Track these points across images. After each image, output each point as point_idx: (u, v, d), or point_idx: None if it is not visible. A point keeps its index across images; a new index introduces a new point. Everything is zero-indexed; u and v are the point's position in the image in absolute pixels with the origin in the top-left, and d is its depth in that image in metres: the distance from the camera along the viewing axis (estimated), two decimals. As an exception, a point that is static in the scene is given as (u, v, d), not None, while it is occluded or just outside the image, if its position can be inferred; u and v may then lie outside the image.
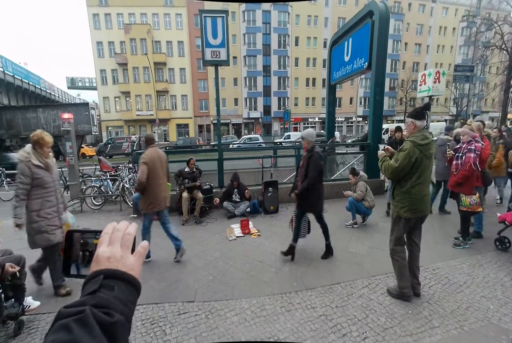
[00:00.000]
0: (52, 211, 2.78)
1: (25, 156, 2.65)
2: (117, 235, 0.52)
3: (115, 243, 0.50)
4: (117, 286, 0.44)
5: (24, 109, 18.01)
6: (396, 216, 2.68)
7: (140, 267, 0.51)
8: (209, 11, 5.80)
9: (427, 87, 9.03)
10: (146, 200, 3.49)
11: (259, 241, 4.22)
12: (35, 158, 2.68)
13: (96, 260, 0.48)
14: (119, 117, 32.05)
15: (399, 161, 2.52)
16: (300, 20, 34.21)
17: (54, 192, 2.82)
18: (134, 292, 0.47)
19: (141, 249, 0.53)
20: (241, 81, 33.84)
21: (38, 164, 2.68)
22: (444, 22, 37.98)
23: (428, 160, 2.56)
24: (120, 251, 0.49)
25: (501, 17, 18.00)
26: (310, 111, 36.09)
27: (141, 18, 31.52)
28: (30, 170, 2.63)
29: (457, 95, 31.17)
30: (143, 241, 0.54)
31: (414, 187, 2.56)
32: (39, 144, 2.69)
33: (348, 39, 7.31)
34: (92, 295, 0.42)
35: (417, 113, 2.61)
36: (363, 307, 2.59)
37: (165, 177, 3.67)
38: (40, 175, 2.68)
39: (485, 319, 2.39)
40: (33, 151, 2.70)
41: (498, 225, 3.72)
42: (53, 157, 2.87)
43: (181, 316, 2.56)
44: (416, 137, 2.54)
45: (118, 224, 0.54)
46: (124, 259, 0.49)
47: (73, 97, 45.89)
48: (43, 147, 2.71)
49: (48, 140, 2.72)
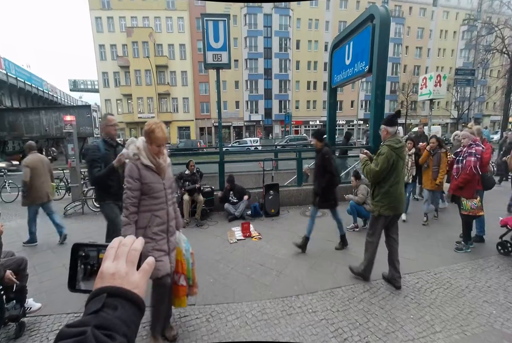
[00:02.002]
0: (160, 231, 2.08)
1: (135, 152, 2.02)
2: (123, 250, 0.50)
3: (120, 258, 0.49)
4: (120, 306, 0.43)
5: (26, 111, 18.12)
6: (377, 215, 2.93)
7: (145, 285, 0.49)
8: (211, 15, 5.85)
9: (428, 91, 9.05)
10: (30, 195, 4.23)
11: (260, 244, 4.21)
12: (145, 156, 2.02)
13: (100, 276, 0.47)
14: (121, 120, 32.13)
15: (380, 164, 2.77)
16: (301, 24, 34.42)
17: (164, 204, 2.11)
18: (138, 313, 0.45)
19: (146, 266, 0.51)
20: (242, 84, 33.99)
21: (148, 165, 2.03)
22: (445, 26, 38.14)
23: (402, 161, 2.85)
24: (126, 267, 0.48)
25: (502, 21, 18.08)
26: (311, 114, 36.17)
27: (143, 21, 31.79)
28: (139, 171, 2.00)
29: (458, 98, 31.22)
30: (149, 258, 0.53)
31: (392, 187, 2.83)
32: (148, 138, 2.02)
33: (349, 43, 7.35)
34: (94, 314, 0.41)
35: (389, 120, 2.91)
36: (364, 311, 2.58)
37: (49, 177, 4.47)
38: (149, 180, 2.03)
39: (488, 324, 2.37)
40: (145, 147, 2.03)
41: (500, 229, 3.71)
42: (168, 156, 2.21)
43: (182, 319, 2.55)
44: (391, 141, 2.81)
45: (124, 238, 0.53)
46: (129, 276, 0.47)
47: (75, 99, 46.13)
48: (152, 144, 2.02)
49: (161, 136, 2.00)
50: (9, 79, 22.06)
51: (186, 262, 2.32)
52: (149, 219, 2.02)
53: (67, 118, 6.60)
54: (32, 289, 2.73)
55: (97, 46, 31.57)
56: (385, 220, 2.91)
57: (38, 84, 28.21)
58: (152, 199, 2.03)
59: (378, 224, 2.95)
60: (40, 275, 3.39)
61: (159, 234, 2.05)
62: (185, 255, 2.32)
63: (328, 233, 4.47)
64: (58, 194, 7.64)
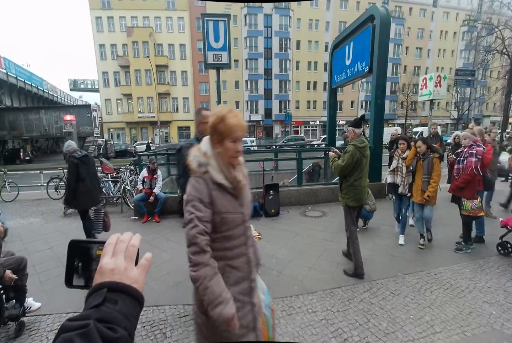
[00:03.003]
0: (240, 293, 1.27)
1: (201, 161, 1.25)
2: (121, 246, 0.50)
3: (119, 254, 0.49)
4: (120, 300, 0.44)
5: (26, 111, 18.13)
6: (344, 206, 3.32)
7: (144, 280, 0.50)
8: (211, 15, 5.87)
9: (428, 91, 9.06)
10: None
11: (260, 244, 4.20)
12: (217, 168, 1.24)
13: (99, 272, 0.47)
14: (121, 119, 32.22)
15: (345, 160, 3.15)
16: (302, 24, 34.46)
17: (244, 247, 1.31)
18: (137, 306, 0.46)
19: (145, 261, 0.52)
20: (242, 84, 34.02)
21: (222, 183, 1.24)
22: (445, 27, 38.20)
23: (365, 159, 3.21)
24: (124, 263, 0.49)
25: (502, 21, 18.07)
26: (311, 114, 36.20)
27: (144, 21, 31.82)
28: (209, 192, 1.22)
29: (458, 99, 31.25)
30: (147, 254, 0.53)
31: (357, 181, 3.21)
32: (217, 132, 1.23)
33: (349, 43, 7.35)
34: (95, 308, 0.42)
35: (356, 123, 3.28)
36: (364, 312, 2.58)
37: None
38: (224, 207, 1.24)
39: (488, 325, 2.37)
40: (216, 153, 1.25)
41: (500, 230, 3.71)
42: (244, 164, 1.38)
43: (182, 319, 2.55)
44: (356, 141, 3.18)
45: (122, 235, 0.53)
46: (128, 272, 0.48)
47: (75, 99, 46.19)
48: (225, 140, 1.23)
49: (236, 123, 1.22)
50: (9, 78, 22.05)
51: (266, 324, 1.44)
52: (222, 271, 1.21)
53: (67, 118, 6.62)
54: (32, 288, 2.73)
55: (97, 46, 31.59)
56: (353, 211, 3.29)
57: (38, 83, 28.22)
58: (226, 240, 1.25)
59: (348, 216, 3.31)
60: (40, 275, 3.39)
61: (240, 299, 1.25)
62: (266, 314, 1.44)
63: (328, 233, 4.47)
64: (58, 193, 7.64)
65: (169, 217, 5.58)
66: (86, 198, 3.78)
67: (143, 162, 6.44)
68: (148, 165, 5.67)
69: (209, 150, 1.26)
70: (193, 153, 1.29)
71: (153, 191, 5.45)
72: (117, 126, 32.92)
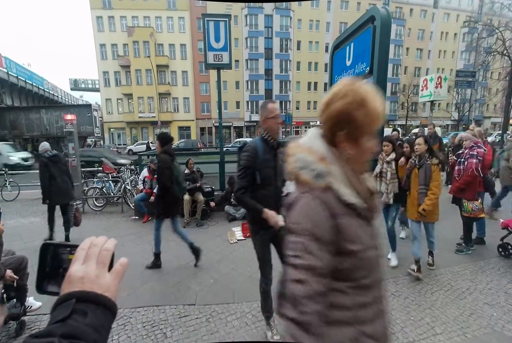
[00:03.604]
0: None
1: (321, 170, 0.78)
2: (93, 251, 0.47)
3: (90, 260, 0.46)
4: (90, 311, 0.40)
5: (27, 110, 18.16)
6: None
7: (117, 287, 0.46)
8: (212, 15, 5.86)
9: (429, 92, 9.06)
10: None
11: (260, 245, 4.21)
12: (346, 182, 0.79)
13: (68, 281, 0.44)
14: (121, 119, 32.22)
15: None
16: (302, 25, 34.48)
17: (380, 300, 0.85)
18: (109, 316, 0.43)
19: (119, 266, 0.48)
20: (243, 84, 34.02)
21: (354, 203, 0.78)
22: (445, 28, 38.23)
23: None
24: (96, 269, 0.45)
25: (502, 23, 18.09)
26: (311, 115, 36.19)
27: (144, 21, 31.83)
28: (334, 221, 0.75)
29: (459, 100, 31.23)
30: (122, 258, 0.49)
31: None
32: (355, 127, 0.79)
33: (349, 44, 7.34)
34: (62, 323, 0.38)
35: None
36: (365, 313, 2.57)
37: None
38: (359, 240, 0.78)
39: (488, 327, 2.37)
40: (339, 156, 0.81)
41: (501, 231, 3.71)
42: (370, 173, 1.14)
43: (182, 319, 2.55)
44: None
45: (96, 238, 0.50)
46: (100, 279, 0.44)
47: (76, 98, 46.19)
48: (361, 138, 0.80)
49: (378, 109, 0.78)
50: (10, 77, 22.07)
51: None
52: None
53: (67, 117, 6.59)
54: (32, 288, 2.73)
55: (98, 46, 31.61)
56: None
57: (39, 83, 28.24)
58: (359, 293, 0.79)
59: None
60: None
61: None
62: None
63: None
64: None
65: (169, 217, 5.58)
66: (59, 195, 4.16)
67: (143, 162, 6.44)
68: (149, 165, 5.67)
69: (328, 152, 0.81)
70: (297, 156, 0.83)
71: (154, 191, 5.45)
72: (118, 126, 32.93)
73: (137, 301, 2.83)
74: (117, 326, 2.45)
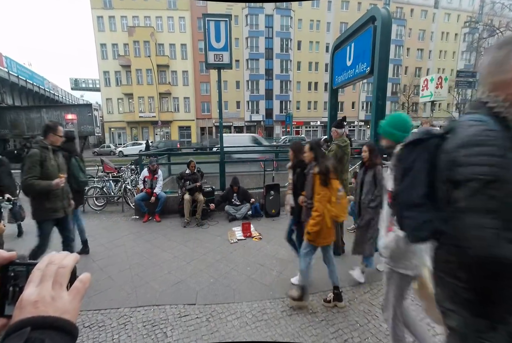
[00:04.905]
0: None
1: None
2: (50, 271, 0.42)
3: (46, 281, 0.41)
4: (48, 339, 0.36)
5: (27, 110, 18.17)
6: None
7: (77, 307, 0.42)
8: (213, 15, 5.85)
9: (429, 92, 9.07)
10: None
11: (260, 244, 4.21)
12: None
13: (19, 306, 0.39)
14: (122, 119, 32.24)
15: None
16: (303, 25, 34.47)
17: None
18: (69, 341, 0.39)
19: (79, 284, 0.44)
20: (243, 84, 34.02)
21: None
22: (446, 28, 38.20)
23: (346, 156, 3.56)
24: (51, 291, 0.40)
25: (503, 23, 18.09)
26: (312, 115, 36.21)
27: (145, 21, 31.84)
28: None
29: (459, 100, 31.22)
30: (83, 274, 0.45)
31: (339, 175, 3.30)
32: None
33: (350, 44, 7.34)
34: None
35: (338, 124, 3.64)
36: (364, 313, 2.58)
37: None
38: None
39: (488, 326, 2.37)
40: None
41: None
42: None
43: (182, 318, 2.55)
44: (339, 141, 3.53)
45: (55, 254, 0.45)
46: (56, 301, 0.40)
47: (76, 98, 46.25)
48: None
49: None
50: (11, 77, 22.10)
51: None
52: None
53: (68, 117, 6.62)
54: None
55: (99, 45, 31.62)
56: None
57: (39, 82, 28.27)
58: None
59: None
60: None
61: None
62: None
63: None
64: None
65: (169, 216, 5.59)
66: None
67: (144, 162, 6.45)
68: (148, 165, 5.69)
69: None
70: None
71: (154, 191, 5.46)
72: (118, 126, 32.94)
73: (137, 300, 2.83)
74: (117, 326, 2.46)
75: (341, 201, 2.43)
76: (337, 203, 2.41)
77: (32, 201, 2.87)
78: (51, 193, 2.84)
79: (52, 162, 2.86)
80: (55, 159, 2.91)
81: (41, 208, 2.84)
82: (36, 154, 2.77)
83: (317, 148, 2.62)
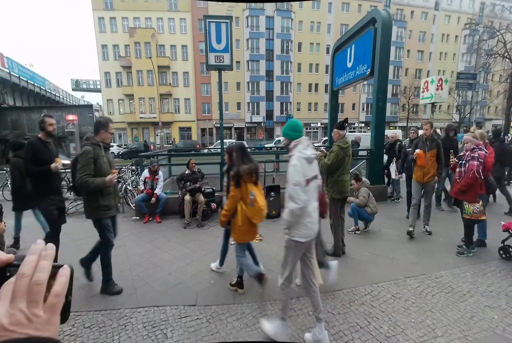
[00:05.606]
0: None
1: None
2: (22, 285, 0.37)
3: (18, 298, 0.36)
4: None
5: (29, 110, 18.21)
6: (330, 199, 3.61)
7: (56, 321, 0.39)
8: (213, 17, 5.87)
9: (430, 94, 9.08)
10: None
11: (260, 246, 4.20)
12: None
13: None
14: (123, 120, 32.26)
15: (331, 159, 3.55)
16: (303, 26, 34.56)
17: None
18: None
19: (53, 298, 0.39)
20: (244, 85, 34.08)
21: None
22: (446, 30, 38.27)
23: (348, 158, 3.61)
24: (26, 310, 0.36)
25: (503, 25, 18.10)
26: (312, 116, 36.22)
27: (146, 22, 31.94)
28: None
29: (460, 102, 31.24)
30: (55, 287, 0.39)
31: (340, 176, 3.64)
32: None
33: (351, 46, 7.37)
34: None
35: (340, 125, 3.63)
36: (365, 315, 2.57)
37: None
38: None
39: (489, 329, 2.36)
40: None
41: (502, 234, 3.71)
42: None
43: (183, 319, 2.55)
44: (340, 142, 3.57)
45: (24, 265, 0.39)
46: (33, 322, 0.36)
47: (77, 99, 46.36)
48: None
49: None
50: (12, 78, 22.16)
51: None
52: None
53: (69, 118, 6.63)
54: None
55: (100, 46, 31.70)
56: (336, 202, 3.72)
57: (40, 83, 28.35)
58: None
59: (332, 207, 3.68)
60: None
61: None
62: None
63: (327, 235, 4.46)
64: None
65: (170, 217, 5.59)
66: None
67: (144, 163, 6.45)
68: (149, 166, 5.69)
69: None
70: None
71: (155, 192, 5.46)
72: (119, 127, 32.91)
73: (137, 301, 2.83)
74: (117, 326, 2.46)
75: (254, 204, 2.64)
76: (249, 206, 2.66)
77: (86, 200, 2.86)
78: (105, 190, 2.83)
79: (104, 159, 2.84)
80: (106, 156, 2.90)
81: (96, 206, 2.82)
82: (89, 152, 2.74)
83: (235, 152, 2.81)
